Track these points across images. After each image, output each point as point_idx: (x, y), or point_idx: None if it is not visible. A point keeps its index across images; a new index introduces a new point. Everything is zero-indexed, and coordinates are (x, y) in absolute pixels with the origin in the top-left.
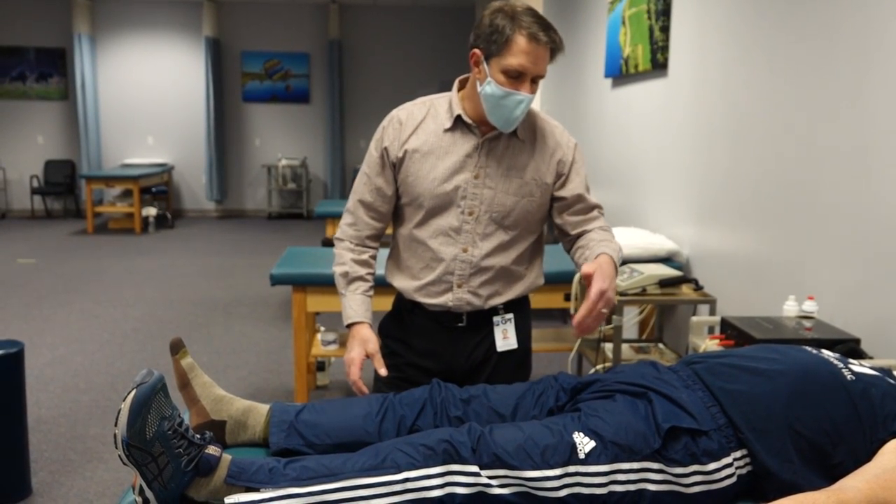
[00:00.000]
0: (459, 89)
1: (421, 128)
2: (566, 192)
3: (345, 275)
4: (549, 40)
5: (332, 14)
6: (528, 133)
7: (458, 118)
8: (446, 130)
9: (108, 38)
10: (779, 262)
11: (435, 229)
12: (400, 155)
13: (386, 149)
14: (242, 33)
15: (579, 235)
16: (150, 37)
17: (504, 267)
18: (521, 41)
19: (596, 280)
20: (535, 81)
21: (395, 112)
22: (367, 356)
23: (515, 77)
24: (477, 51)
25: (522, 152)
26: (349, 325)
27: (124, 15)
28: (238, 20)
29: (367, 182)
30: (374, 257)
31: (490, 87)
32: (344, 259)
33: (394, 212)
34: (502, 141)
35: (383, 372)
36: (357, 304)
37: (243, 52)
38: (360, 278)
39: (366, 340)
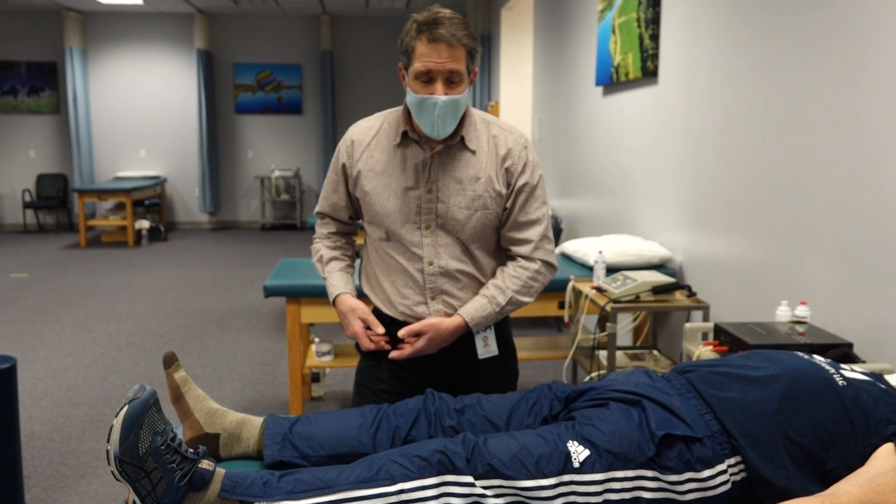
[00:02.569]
0: (408, 108)
1: (373, 145)
2: (508, 202)
3: (320, 259)
4: (449, 35)
5: (324, 25)
6: (480, 143)
7: (405, 134)
8: (396, 146)
9: (100, 52)
10: (771, 267)
11: (398, 245)
12: (354, 174)
13: (344, 165)
14: (234, 45)
15: (506, 254)
16: (142, 50)
17: (472, 275)
18: (420, 46)
19: (422, 341)
20: (452, 82)
21: (350, 130)
22: (364, 322)
23: (426, 81)
24: (399, 65)
25: (473, 164)
26: (334, 301)
27: (115, 28)
28: (230, 32)
29: (326, 197)
30: (348, 244)
31: (409, 96)
32: (318, 248)
33: (362, 228)
34: (451, 154)
35: (380, 330)
36: (336, 279)
37: (235, 63)
38: (335, 258)
39: (354, 309)
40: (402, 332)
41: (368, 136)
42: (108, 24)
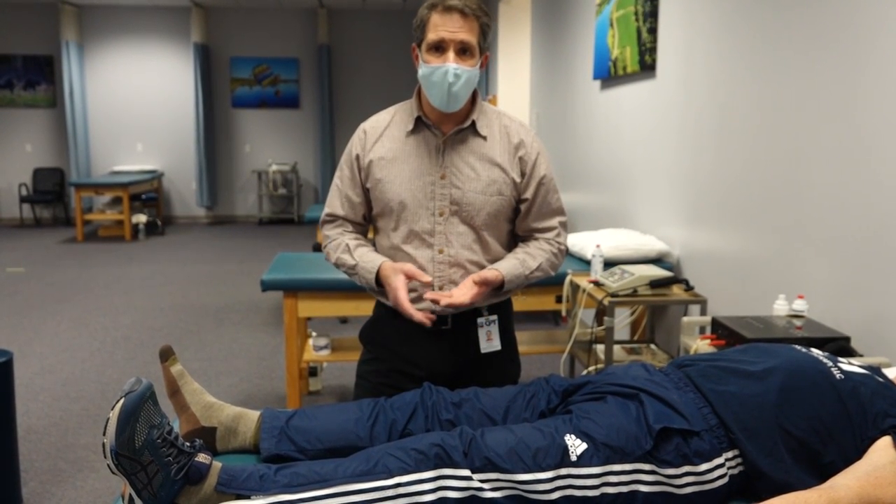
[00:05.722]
0: (420, 94)
1: (385, 135)
2: (526, 193)
3: (346, 248)
4: (462, 5)
5: (321, 19)
6: (492, 130)
7: (419, 119)
8: (409, 134)
9: (96, 45)
10: (769, 261)
11: (409, 234)
12: (366, 164)
13: (358, 156)
14: (231, 39)
15: (524, 240)
16: (139, 43)
17: (482, 265)
18: (434, 17)
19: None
20: (464, 53)
21: (361, 124)
22: (409, 278)
23: (438, 51)
24: (413, 45)
25: (487, 149)
26: (377, 276)
27: (112, 22)
28: (227, 26)
29: (340, 197)
30: (367, 239)
31: (421, 69)
32: (339, 242)
33: (371, 223)
34: (464, 138)
35: (427, 279)
36: (372, 255)
37: (232, 57)
38: (361, 245)
39: (395, 268)
40: (429, 295)
41: (381, 127)
42: (104, 18)
